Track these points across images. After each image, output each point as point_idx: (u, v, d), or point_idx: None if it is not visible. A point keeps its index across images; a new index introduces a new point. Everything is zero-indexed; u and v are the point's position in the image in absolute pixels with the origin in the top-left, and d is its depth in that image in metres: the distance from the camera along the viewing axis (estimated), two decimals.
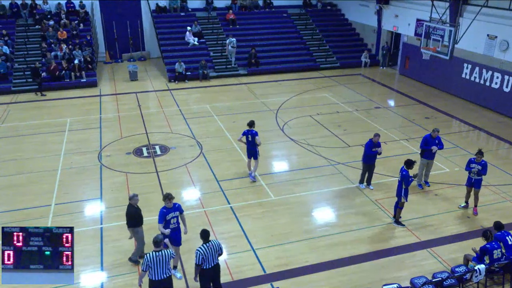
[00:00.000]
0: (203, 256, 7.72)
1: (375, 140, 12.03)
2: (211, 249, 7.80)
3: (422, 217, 11.22)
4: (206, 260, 7.77)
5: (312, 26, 28.56)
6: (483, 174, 10.98)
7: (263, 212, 11.45)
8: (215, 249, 7.85)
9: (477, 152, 10.99)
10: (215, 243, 7.89)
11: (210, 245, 7.82)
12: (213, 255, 7.84)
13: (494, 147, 15.69)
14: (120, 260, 9.59)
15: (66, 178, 13.24)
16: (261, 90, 22.14)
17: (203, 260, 7.74)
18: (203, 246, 7.78)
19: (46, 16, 25.32)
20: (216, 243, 7.92)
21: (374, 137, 12.07)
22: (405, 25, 24.10)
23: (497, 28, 18.36)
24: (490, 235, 8.77)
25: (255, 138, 12.42)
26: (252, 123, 12.72)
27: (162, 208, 8.73)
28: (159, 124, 17.67)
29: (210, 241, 7.88)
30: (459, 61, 19.97)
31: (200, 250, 7.75)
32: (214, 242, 7.90)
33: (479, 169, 10.91)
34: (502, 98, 18.33)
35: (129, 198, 9.18)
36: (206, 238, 7.85)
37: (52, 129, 16.95)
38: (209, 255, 7.78)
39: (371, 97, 20.96)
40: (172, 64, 23.80)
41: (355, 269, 9.40)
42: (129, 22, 27.49)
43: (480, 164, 10.90)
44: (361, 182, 12.67)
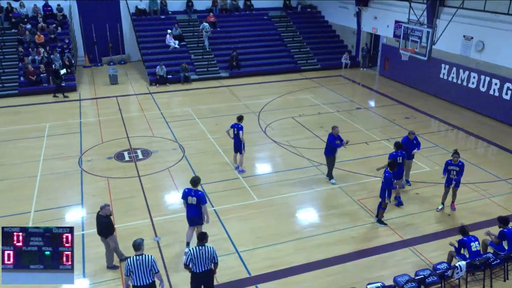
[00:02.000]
0: (192, 257, 7.57)
1: (335, 132, 12.39)
2: (203, 254, 7.60)
3: (404, 216, 11.37)
4: (195, 262, 7.60)
5: (293, 28, 28.74)
6: (460, 175, 11.17)
7: (247, 215, 11.44)
8: (207, 255, 7.63)
9: (453, 152, 11.17)
10: (209, 249, 7.66)
11: (203, 249, 7.62)
12: (204, 260, 7.63)
13: (473, 145, 16.02)
14: (102, 266, 9.43)
15: (46, 184, 13.00)
16: (243, 92, 22.16)
17: (191, 262, 7.60)
18: (195, 248, 7.64)
19: (23, 19, 24.85)
20: (211, 250, 7.68)
21: (334, 130, 12.45)
22: (384, 27, 24.45)
23: (473, 29, 18.79)
24: (465, 230, 9.01)
25: (239, 132, 12.89)
26: (241, 117, 13.33)
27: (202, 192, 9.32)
28: (140, 128, 17.50)
29: (205, 246, 7.69)
30: (437, 61, 20.35)
31: (191, 251, 7.61)
32: (208, 248, 7.69)
33: (457, 171, 11.08)
34: (479, 97, 18.73)
35: (101, 207, 8.99)
36: (201, 241, 7.70)
37: (31, 135, 16.63)
38: (199, 259, 7.59)
39: (352, 98, 21.18)
40: (153, 67, 23.62)
41: (340, 269, 9.46)
42: (108, 25, 27.15)
43: (457, 166, 11.07)
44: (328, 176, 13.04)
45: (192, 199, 9.26)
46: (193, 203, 9.32)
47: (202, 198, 9.32)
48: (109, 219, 9.04)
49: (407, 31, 18.63)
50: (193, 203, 9.33)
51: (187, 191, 9.40)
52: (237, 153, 13.54)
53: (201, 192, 9.41)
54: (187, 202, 9.39)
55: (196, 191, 9.35)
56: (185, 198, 9.40)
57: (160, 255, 9.81)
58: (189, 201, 9.35)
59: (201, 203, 9.24)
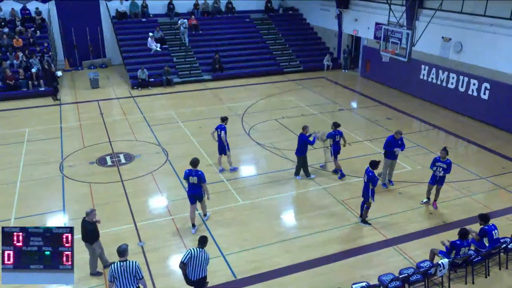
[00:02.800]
0: (190, 256, 7.63)
1: (305, 132, 12.72)
2: (201, 256, 7.68)
3: (387, 216, 11.50)
4: (192, 263, 7.64)
5: (275, 30, 28.84)
6: (447, 173, 11.36)
7: (232, 217, 11.41)
8: (204, 259, 7.73)
9: (442, 149, 11.37)
10: (206, 255, 7.78)
11: (202, 252, 7.72)
12: (201, 263, 7.70)
13: (453, 145, 16.30)
14: (86, 273, 9.28)
15: (26, 190, 12.74)
16: (226, 95, 22.13)
17: (189, 260, 7.64)
18: (196, 249, 7.70)
19: (0, 23, 24.34)
20: (207, 255, 7.82)
21: (304, 129, 12.78)
22: (365, 29, 24.73)
23: (451, 31, 19.15)
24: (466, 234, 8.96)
25: (221, 133, 13.12)
26: (225, 118, 13.51)
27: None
28: (123, 132, 17.31)
29: (204, 250, 7.78)
30: (416, 63, 20.67)
31: (192, 251, 7.67)
32: (206, 253, 7.80)
33: (444, 168, 11.28)
34: (458, 97, 19.09)
35: (87, 213, 8.83)
36: (201, 244, 7.78)
37: (9, 140, 16.29)
38: (196, 261, 7.65)
39: (334, 100, 21.35)
40: (135, 70, 23.40)
41: (326, 270, 9.51)
42: (89, 28, 26.79)
43: (445, 163, 11.26)
44: (296, 174, 13.36)
45: (193, 178, 10.30)
46: (194, 182, 10.33)
47: (202, 177, 10.30)
48: (95, 225, 8.92)
49: (387, 33, 18.89)
50: (194, 182, 10.34)
51: (188, 172, 10.36)
52: (222, 155, 13.60)
53: (201, 172, 10.35)
54: (189, 181, 10.40)
55: (197, 171, 10.33)
56: (187, 178, 10.38)
57: (144, 260, 9.70)
58: (191, 181, 10.35)
59: (201, 181, 10.27)
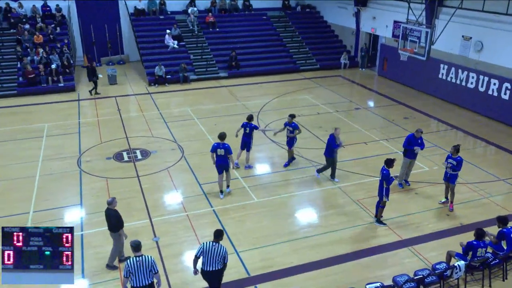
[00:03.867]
0: (202, 250, 7.69)
1: (336, 133, 12.50)
2: (215, 250, 7.70)
3: (403, 216, 11.38)
4: (205, 257, 7.70)
5: (292, 28, 28.74)
6: (458, 170, 11.23)
7: (246, 215, 11.45)
8: (218, 253, 7.72)
9: (452, 146, 11.30)
10: (221, 248, 7.76)
11: (216, 246, 7.72)
12: (214, 257, 7.72)
13: (471, 145, 16.04)
14: (101, 266, 9.43)
15: (45, 184, 12.99)
16: (242, 92, 22.15)
17: (202, 254, 7.71)
18: (208, 243, 7.74)
19: (22, 20, 24.81)
20: (224, 250, 7.78)
21: (335, 131, 12.58)
22: (383, 27, 24.46)
23: (471, 29, 18.81)
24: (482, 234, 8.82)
25: (252, 130, 13.53)
26: (251, 117, 13.81)
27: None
28: (139, 128, 17.49)
29: (219, 244, 7.78)
30: (435, 62, 20.37)
31: (204, 245, 7.73)
32: (221, 246, 7.78)
33: (454, 165, 11.15)
34: (478, 97, 18.75)
35: (108, 202, 9.09)
36: (216, 237, 7.80)
37: (29, 135, 16.61)
38: (209, 254, 7.69)
39: (351, 98, 21.19)
40: (152, 67, 23.60)
41: (338, 269, 9.47)
42: (107, 25, 27.14)
43: (455, 160, 11.15)
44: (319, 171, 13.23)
45: (221, 150, 11.64)
46: (221, 154, 11.66)
47: (229, 149, 11.65)
48: (118, 213, 9.10)
49: (405, 31, 18.66)
50: (221, 154, 11.66)
51: (216, 145, 11.74)
52: (243, 150, 13.73)
53: (227, 144, 11.66)
54: (217, 153, 11.69)
55: (224, 144, 11.67)
56: (215, 151, 11.68)
57: (159, 255, 9.80)
58: (218, 153, 11.68)
59: (228, 153, 11.63)
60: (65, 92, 21.79)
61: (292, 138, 13.69)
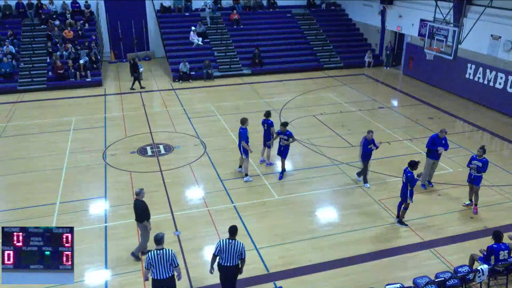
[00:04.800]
0: (220, 248, 7.79)
1: (369, 137, 12.17)
2: (232, 247, 7.77)
3: (425, 217, 11.24)
4: (223, 254, 7.80)
5: (316, 26, 28.58)
6: (483, 171, 11.02)
7: (266, 212, 11.51)
8: (236, 250, 7.79)
9: (480, 148, 11.06)
10: (238, 245, 7.81)
11: (232, 243, 7.79)
12: (232, 254, 7.79)
13: (498, 147, 15.68)
14: (124, 258, 9.67)
15: (71, 176, 13.35)
16: (265, 89, 22.20)
17: (220, 252, 7.81)
18: (225, 240, 7.83)
19: (52, 16, 25.48)
20: (240, 245, 7.83)
21: (368, 134, 12.22)
22: (409, 25, 24.07)
23: (501, 28, 18.33)
24: (500, 236, 8.68)
25: (270, 128, 13.37)
26: (269, 113, 13.62)
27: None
28: (163, 123, 17.75)
29: (235, 240, 7.85)
30: (462, 61, 19.95)
31: (221, 242, 7.82)
32: (238, 243, 7.83)
33: (479, 166, 10.95)
34: (506, 98, 18.29)
35: (137, 193, 9.32)
36: (232, 234, 7.88)
37: (57, 128, 17.08)
38: (226, 251, 7.77)
39: (374, 97, 20.97)
40: (177, 63, 23.88)
41: (358, 269, 9.43)
42: (134, 22, 27.63)
43: (481, 161, 10.94)
44: (365, 181, 12.69)
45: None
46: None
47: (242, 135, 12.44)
48: (145, 204, 9.34)
49: (432, 30, 18.32)
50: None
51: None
52: (265, 147, 13.83)
53: (244, 129, 12.49)
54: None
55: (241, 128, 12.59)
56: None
57: (180, 249, 9.97)
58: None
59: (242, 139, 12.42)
60: (92, 87, 22.27)
61: (286, 147, 12.87)
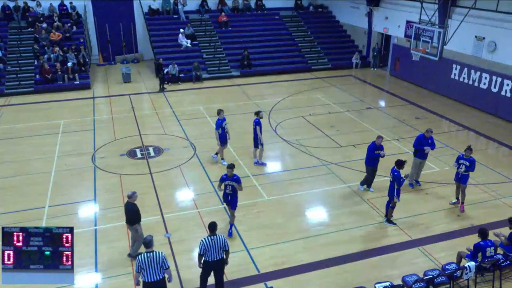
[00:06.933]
0: (205, 247, 7.95)
1: (378, 142, 11.97)
2: (215, 243, 7.98)
3: (413, 216, 11.40)
4: (208, 252, 7.98)
5: (304, 28, 28.77)
6: (471, 170, 11.23)
7: (257, 212, 11.57)
8: (219, 244, 8.01)
9: (466, 148, 11.26)
10: (220, 238, 8.05)
11: (214, 239, 8.00)
12: (216, 249, 8.01)
13: (483, 146, 15.95)
14: (114, 261, 9.65)
15: (60, 179, 13.27)
16: (254, 91, 22.28)
17: (205, 251, 7.97)
18: (207, 238, 8.01)
19: (39, 18, 25.25)
20: (222, 239, 8.08)
21: (377, 139, 12.00)
22: (395, 27, 24.38)
23: (485, 30, 18.67)
24: (485, 233, 8.83)
25: (256, 127, 13.43)
26: (258, 112, 13.71)
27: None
28: (152, 125, 17.73)
29: (216, 235, 8.07)
30: (448, 62, 20.26)
31: (204, 241, 7.98)
32: (219, 237, 8.07)
33: (467, 165, 11.16)
34: (490, 98, 18.62)
35: (129, 196, 9.33)
36: (212, 231, 8.10)
37: (46, 131, 16.95)
38: (211, 248, 7.97)
39: (362, 98, 21.18)
40: (166, 66, 23.82)
41: (348, 268, 9.54)
42: (122, 24, 27.49)
43: (468, 160, 11.15)
44: (361, 184, 12.66)
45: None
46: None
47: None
48: (137, 207, 9.37)
49: (418, 31, 18.62)
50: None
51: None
52: (256, 147, 13.87)
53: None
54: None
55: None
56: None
57: (170, 251, 9.98)
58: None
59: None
60: (81, 90, 22.13)
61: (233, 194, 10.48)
